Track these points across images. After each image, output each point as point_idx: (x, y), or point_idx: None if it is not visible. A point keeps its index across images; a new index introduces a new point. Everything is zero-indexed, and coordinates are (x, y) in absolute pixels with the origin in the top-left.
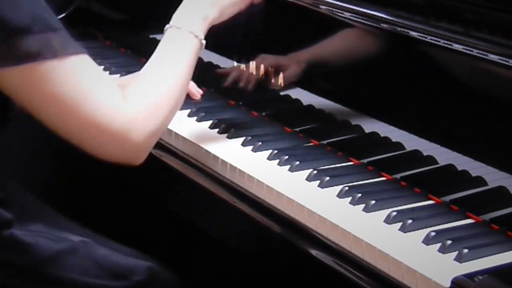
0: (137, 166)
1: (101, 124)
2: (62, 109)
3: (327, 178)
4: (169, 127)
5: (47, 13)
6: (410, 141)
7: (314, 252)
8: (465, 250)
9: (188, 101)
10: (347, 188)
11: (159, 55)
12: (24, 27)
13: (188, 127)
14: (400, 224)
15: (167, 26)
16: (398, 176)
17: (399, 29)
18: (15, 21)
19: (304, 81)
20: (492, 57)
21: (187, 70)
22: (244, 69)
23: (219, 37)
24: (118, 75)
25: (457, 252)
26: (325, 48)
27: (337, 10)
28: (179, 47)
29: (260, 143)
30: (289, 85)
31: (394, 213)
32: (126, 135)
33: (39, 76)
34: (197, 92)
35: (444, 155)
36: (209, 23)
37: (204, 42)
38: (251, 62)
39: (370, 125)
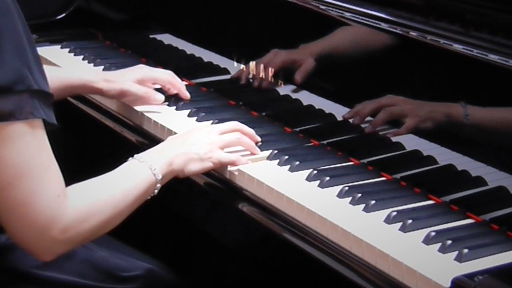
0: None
1: (30, 205)
2: (2, 178)
3: (327, 178)
4: (168, 127)
5: (33, 68)
6: (410, 141)
7: (314, 252)
8: (465, 250)
9: (188, 101)
10: (347, 188)
11: (114, 175)
12: (4, 87)
13: (188, 127)
14: (400, 224)
15: (130, 158)
16: (398, 176)
17: (399, 29)
18: None
19: (308, 80)
20: (492, 57)
21: (132, 200)
22: (253, 68)
23: (219, 36)
24: None
25: (457, 252)
26: (333, 44)
27: (336, 10)
28: (135, 176)
29: (260, 143)
30: (292, 83)
31: (394, 213)
32: (48, 229)
33: (2, 136)
34: (186, 94)
35: (444, 155)
36: (172, 169)
37: (159, 185)
38: (259, 61)
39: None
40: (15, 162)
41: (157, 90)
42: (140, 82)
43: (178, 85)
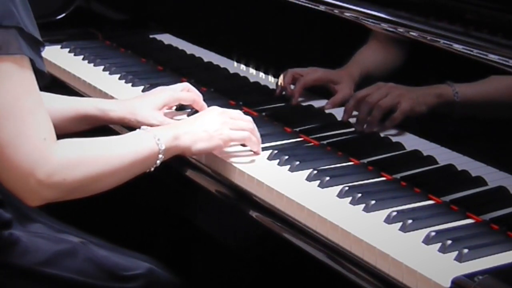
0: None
1: (15, 147)
2: None
3: (327, 178)
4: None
5: (20, 10)
6: (410, 141)
7: (314, 252)
8: (465, 250)
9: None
10: (347, 188)
11: (115, 138)
12: None
13: None
14: (400, 224)
15: (137, 129)
16: (398, 176)
17: (399, 29)
18: None
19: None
20: (492, 57)
21: (129, 163)
22: (281, 80)
23: (219, 36)
24: (118, 75)
25: (457, 252)
26: (368, 67)
27: (336, 10)
28: (136, 142)
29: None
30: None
31: (394, 213)
32: (33, 171)
33: None
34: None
35: (444, 155)
36: (177, 144)
37: (161, 156)
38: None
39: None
40: (1, 103)
41: None
42: (164, 107)
43: (201, 104)
